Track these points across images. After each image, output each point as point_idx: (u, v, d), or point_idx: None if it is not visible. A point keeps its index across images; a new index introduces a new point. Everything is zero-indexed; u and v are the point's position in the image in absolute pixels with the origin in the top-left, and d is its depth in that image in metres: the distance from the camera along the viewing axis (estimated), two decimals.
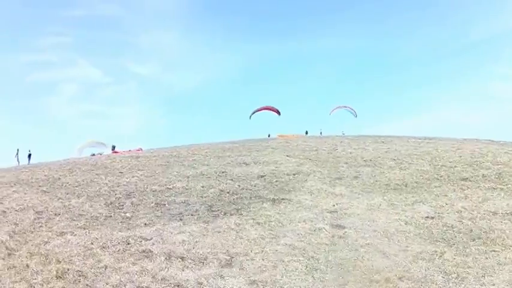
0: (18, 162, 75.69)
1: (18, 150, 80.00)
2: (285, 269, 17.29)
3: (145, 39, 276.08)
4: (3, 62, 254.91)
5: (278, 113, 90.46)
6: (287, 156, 45.29)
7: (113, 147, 77.44)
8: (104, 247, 20.55)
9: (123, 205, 28.84)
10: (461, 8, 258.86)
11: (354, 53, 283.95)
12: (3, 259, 19.48)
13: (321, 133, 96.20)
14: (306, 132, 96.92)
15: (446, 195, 28.55)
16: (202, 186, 32.62)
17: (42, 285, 16.53)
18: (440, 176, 34.05)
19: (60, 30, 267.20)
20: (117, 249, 20.17)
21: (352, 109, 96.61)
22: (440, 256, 18.42)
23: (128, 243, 20.97)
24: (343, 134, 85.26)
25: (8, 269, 18.27)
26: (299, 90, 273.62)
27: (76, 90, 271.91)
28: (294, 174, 35.89)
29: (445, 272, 16.76)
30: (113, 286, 16.28)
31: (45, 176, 41.02)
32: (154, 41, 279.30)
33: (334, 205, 26.99)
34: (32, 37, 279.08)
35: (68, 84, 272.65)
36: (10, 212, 27.89)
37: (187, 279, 16.48)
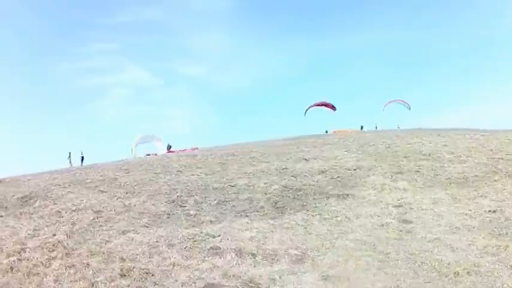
0: (71, 165, 75.59)
1: (70, 153, 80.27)
2: (356, 264, 16.96)
3: (193, 41, 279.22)
4: (53, 69, 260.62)
5: (333, 108, 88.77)
6: (346, 151, 44.49)
7: (169, 147, 77.04)
8: (170, 244, 20.24)
9: (185, 203, 28.37)
10: None
11: (403, 45, 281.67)
12: (61, 259, 19.22)
13: (376, 127, 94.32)
14: (362, 127, 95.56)
15: (505, 189, 27.79)
16: (265, 183, 31.96)
17: (105, 283, 16.24)
18: (499, 169, 33.15)
19: (106, 37, 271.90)
20: (184, 247, 19.83)
21: (405, 102, 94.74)
22: (505, 249, 18.00)
23: (195, 241, 20.59)
24: (398, 127, 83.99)
25: (66, 268, 17.97)
26: (351, 85, 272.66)
27: (127, 93, 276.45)
28: (354, 170, 35.17)
29: (511, 265, 16.36)
30: (182, 283, 15.95)
31: (101, 176, 40.91)
32: (202, 42, 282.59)
33: (398, 200, 26.37)
34: (80, 45, 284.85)
35: (118, 88, 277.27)
36: (66, 212, 27.65)
37: (260, 275, 16.07)
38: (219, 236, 21.02)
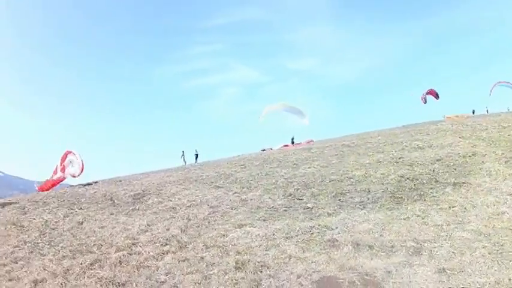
0: (185, 163, 76.90)
1: (183, 151, 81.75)
2: (472, 256, 16.43)
3: (299, 35, 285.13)
4: (161, 73, 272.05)
5: (437, 96, 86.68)
6: (459, 137, 43.25)
7: (293, 140, 75.67)
8: (287, 237, 20.31)
9: (302, 196, 28.32)
10: None
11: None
12: (174, 252, 19.88)
13: (487, 111, 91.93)
14: (473, 112, 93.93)
15: None
16: (382, 174, 31.45)
17: (219, 276, 16.69)
18: None
19: (209, 39, 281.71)
20: (301, 239, 19.80)
21: (510, 83, 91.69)
22: None
23: (312, 233, 20.49)
24: (508, 110, 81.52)
25: (179, 262, 18.63)
26: (464, 66, 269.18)
27: (236, 92, 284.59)
28: (469, 156, 33.92)
29: None
30: (298, 276, 15.92)
31: (216, 172, 41.82)
32: (308, 36, 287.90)
33: None
34: (183, 49, 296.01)
35: (226, 88, 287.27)
36: (181, 208, 28.48)
37: (376, 268, 15.91)
38: (336, 228, 20.76)
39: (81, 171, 50.10)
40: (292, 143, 77.01)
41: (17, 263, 21.75)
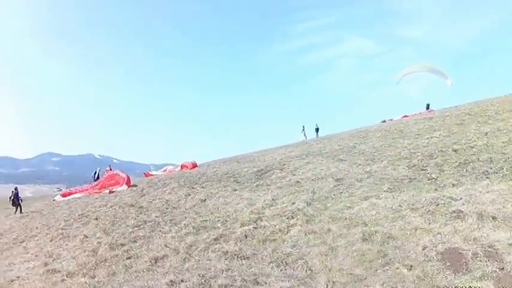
0: (306, 137, 77.44)
1: (303, 126, 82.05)
2: None
3: (409, 2, 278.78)
4: (270, 54, 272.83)
5: None
6: None
7: (427, 106, 74.21)
8: (413, 209, 20.35)
9: (426, 166, 28.37)
10: None
11: None
12: (301, 225, 20.42)
13: None
14: None
15: None
16: (503, 142, 30.77)
17: (346, 247, 17.07)
18: None
19: (318, 14, 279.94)
20: (426, 210, 19.82)
21: None
22: None
23: (437, 204, 20.34)
24: None
25: (305, 234, 19.22)
26: None
27: (351, 63, 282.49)
28: None
29: None
30: (423, 247, 15.96)
31: (338, 146, 42.91)
32: (419, 2, 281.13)
33: None
34: (289, 26, 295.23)
35: (342, 60, 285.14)
36: (305, 182, 29.33)
37: (499, 240, 15.61)
38: (460, 199, 20.58)
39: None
40: (427, 108, 75.33)
41: (136, 242, 23.58)
